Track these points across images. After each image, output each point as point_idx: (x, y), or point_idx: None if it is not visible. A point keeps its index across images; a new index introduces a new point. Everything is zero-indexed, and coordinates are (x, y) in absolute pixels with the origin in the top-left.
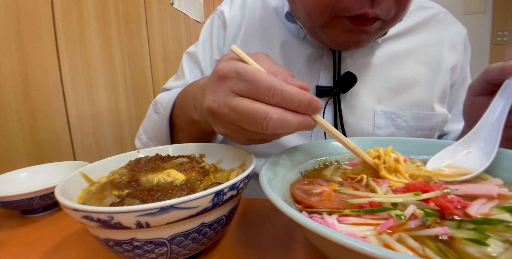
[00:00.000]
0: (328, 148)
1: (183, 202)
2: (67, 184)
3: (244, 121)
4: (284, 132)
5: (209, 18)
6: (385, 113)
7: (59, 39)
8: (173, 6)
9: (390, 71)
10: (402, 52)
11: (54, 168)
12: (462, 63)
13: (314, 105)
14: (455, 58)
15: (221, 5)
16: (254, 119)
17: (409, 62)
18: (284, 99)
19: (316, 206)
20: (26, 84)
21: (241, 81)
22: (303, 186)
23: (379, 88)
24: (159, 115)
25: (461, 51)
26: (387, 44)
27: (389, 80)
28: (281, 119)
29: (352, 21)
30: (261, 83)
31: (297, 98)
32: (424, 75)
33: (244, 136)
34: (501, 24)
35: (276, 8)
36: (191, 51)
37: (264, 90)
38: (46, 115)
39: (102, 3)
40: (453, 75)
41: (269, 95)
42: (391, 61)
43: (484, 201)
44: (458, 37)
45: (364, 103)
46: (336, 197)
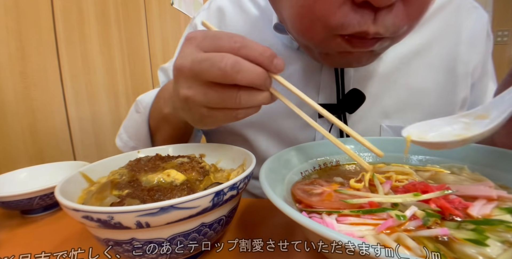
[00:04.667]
0: (328, 148)
1: (183, 202)
2: (67, 184)
3: (204, 68)
4: (243, 79)
5: (186, 31)
6: (392, 129)
7: (59, 39)
8: (173, 6)
9: (398, 79)
10: (413, 54)
11: (54, 168)
12: (483, 60)
13: (276, 59)
14: (475, 58)
15: (196, 17)
16: (212, 63)
17: (420, 67)
18: (246, 46)
19: (316, 206)
20: (26, 84)
21: (206, 38)
22: (304, 186)
23: (386, 101)
24: (139, 115)
25: (482, 46)
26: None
27: (397, 90)
28: (239, 62)
29: (350, 42)
30: (223, 35)
31: (260, 48)
32: (438, 82)
33: (206, 97)
34: (501, 24)
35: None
36: (166, 66)
37: (226, 40)
38: (46, 115)
39: (102, 3)
40: (474, 77)
41: (230, 43)
42: (399, 67)
43: (484, 202)
44: (479, 28)
45: (368, 119)
46: (337, 197)
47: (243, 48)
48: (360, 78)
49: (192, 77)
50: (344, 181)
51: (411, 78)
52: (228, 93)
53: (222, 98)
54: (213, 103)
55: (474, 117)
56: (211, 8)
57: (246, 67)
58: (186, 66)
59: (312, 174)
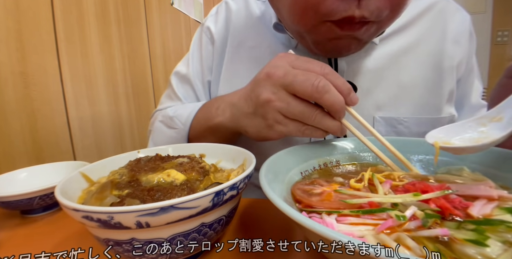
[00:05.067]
0: (328, 148)
1: (183, 202)
2: (67, 184)
3: (298, 81)
4: (328, 100)
5: (196, 34)
6: (385, 120)
7: (59, 39)
8: (173, 6)
9: (389, 74)
10: (402, 52)
11: (54, 168)
12: (468, 57)
13: (353, 93)
14: (459, 54)
15: (206, 20)
16: (307, 78)
17: (410, 63)
18: (333, 74)
19: (316, 206)
20: (26, 84)
21: (298, 59)
22: (304, 186)
23: (378, 94)
24: (177, 131)
25: (465, 44)
26: (385, 43)
27: (389, 84)
28: (329, 85)
29: (339, 25)
30: (314, 61)
31: (342, 79)
32: (426, 77)
33: (288, 105)
34: (501, 24)
35: (261, 18)
36: (182, 73)
37: (317, 65)
38: (46, 115)
39: (102, 3)
40: (459, 71)
41: (320, 68)
42: (390, 63)
43: (485, 202)
44: (462, 27)
45: (362, 111)
46: (336, 197)
47: (330, 75)
48: (352, 73)
49: (280, 85)
50: (344, 181)
51: (401, 74)
52: (308, 108)
53: (302, 111)
54: (291, 113)
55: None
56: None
57: (333, 91)
58: (278, 74)
59: (312, 174)
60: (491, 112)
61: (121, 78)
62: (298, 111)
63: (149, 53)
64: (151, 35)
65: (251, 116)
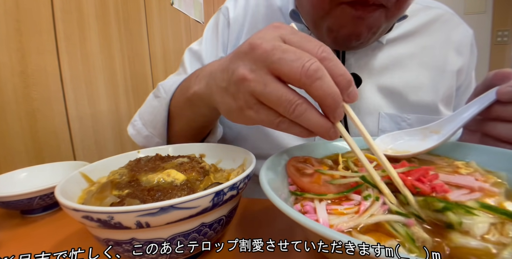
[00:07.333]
0: (328, 148)
1: (183, 202)
2: (67, 184)
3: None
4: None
5: (214, 15)
6: (390, 116)
7: (59, 39)
8: (173, 6)
9: (394, 74)
10: (407, 56)
11: (54, 168)
12: (468, 67)
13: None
14: (460, 62)
15: (226, 2)
16: (299, 58)
17: (414, 66)
18: (331, 59)
19: (306, 189)
20: (26, 84)
21: (295, 34)
22: (297, 163)
23: (383, 90)
24: (159, 99)
25: (467, 55)
26: (391, 46)
27: (394, 83)
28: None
29: (353, 6)
30: (313, 40)
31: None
32: (428, 78)
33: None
34: (501, 24)
35: (281, 8)
36: (195, 48)
37: (315, 45)
38: (46, 115)
39: (102, 3)
40: (459, 78)
41: (318, 49)
42: (395, 64)
43: (466, 192)
44: (465, 40)
45: (369, 105)
46: (324, 180)
47: (328, 60)
48: (360, 69)
49: (262, 61)
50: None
51: (406, 74)
52: (290, 95)
53: (280, 97)
54: (266, 97)
55: (430, 131)
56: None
57: (328, 79)
58: (264, 48)
59: None
60: (433, 125)
61: (121, 78)
62: (275, 97)
63: (149, 53)
64: (151, 35)
65: (223, 92)
